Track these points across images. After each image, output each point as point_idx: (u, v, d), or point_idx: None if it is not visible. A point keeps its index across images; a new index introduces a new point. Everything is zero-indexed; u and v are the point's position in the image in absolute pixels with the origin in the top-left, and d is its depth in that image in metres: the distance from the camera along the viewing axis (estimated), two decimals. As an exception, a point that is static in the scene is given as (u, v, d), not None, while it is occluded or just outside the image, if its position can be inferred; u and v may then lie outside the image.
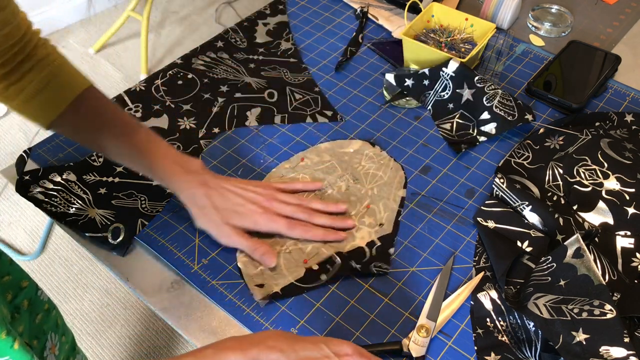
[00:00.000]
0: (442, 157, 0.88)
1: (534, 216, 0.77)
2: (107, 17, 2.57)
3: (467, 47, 0.99)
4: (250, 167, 0.87)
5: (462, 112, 0.92)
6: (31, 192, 0.82)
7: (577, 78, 0.98)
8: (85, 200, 0.81)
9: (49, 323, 0.85)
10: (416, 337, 0.66)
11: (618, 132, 0.89)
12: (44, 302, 0.84)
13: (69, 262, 1.76)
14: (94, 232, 0.78)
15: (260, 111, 0.95)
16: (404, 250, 0.76)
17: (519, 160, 0.86)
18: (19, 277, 0.78)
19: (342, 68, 1.03)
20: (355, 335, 0.68)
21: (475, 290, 0.72)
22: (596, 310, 0.64)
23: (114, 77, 2.32)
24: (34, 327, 0.82)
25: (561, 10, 1.12)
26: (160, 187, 0.83)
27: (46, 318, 0.84)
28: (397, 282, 0.73)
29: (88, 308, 1.66)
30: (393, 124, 0.93)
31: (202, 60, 1.04)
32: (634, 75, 1.00)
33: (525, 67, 1.02)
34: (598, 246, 0.75)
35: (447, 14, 1.01)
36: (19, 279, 0.78)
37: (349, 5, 1.16)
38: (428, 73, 0.93)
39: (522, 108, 0.89)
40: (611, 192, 0.79)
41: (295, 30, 1.11)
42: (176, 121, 0.93)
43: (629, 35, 1.09)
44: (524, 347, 0.67)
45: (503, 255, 0.73)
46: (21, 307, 0.78)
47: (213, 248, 0.77)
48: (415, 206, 0.81)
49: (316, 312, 0.70)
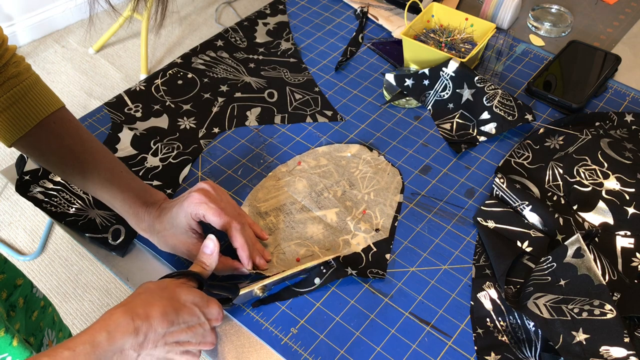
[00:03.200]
0: (442, 157, 0.88)
1: (534, 216, 0.77)
2: (107, 17, 2.57)
3: (467, 47, 0.99)
4: (250, 167, 0.87)
5: (462, 112, 0.92)
6: (31, 192, 0.82)
7: (577, 78, 0.98)
8: (85, 201, 0.81)
9: (45, 320, 0.85)
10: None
11: (618, 132, 0.89)
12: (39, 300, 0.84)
13: (69, 262, 1.76)
14: (94, 232, 0.78)
15: (260, 111, 0.95)
16: (403, 250, 0.76)
17: (519, 160, 0.86)
18: (13, 275, 0.78)
19: (342, 68, 1.03)
20: (355, 335, 0.68)
21: (475, 290, 0.72)
22: (596, 310, 0.64)
23: (114, 77, 2.32)
24: (30, 324, 0.82)
25: (561, 10, 1.12)
26: (160, 188, 0.83)
27: (42, 315, 0.84)
28: (397, 282, 0.73)
29: (88, 308, 1.66)
30: (393, 124, 0.93)
31: (202, 59, 1.04)
32: (634, 75, 1.00)
33: (525, 67, 1.02)
34: (598, 246, 0.75)
35: (447, 14, 1.01)
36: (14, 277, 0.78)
37: (349, 5, 1.16)
38: (428, 73, 0.93)
39: (522, 108, 0.88)
40: (611, 192, 0.79)
41: (295, 30, 1.11)
42: (176, 121, 0.93)
43: (629, 35, 1.09)
44: (524, 347, 0.67)
45: (503, 255, 0.73)
46: (17, 305, 0.78)
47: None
48: (415, 206, 0.81)
49: (316, 312, 0.70)
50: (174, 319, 0.57)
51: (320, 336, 0.68)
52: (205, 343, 0.62)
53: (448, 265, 0.75)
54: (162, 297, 0.58)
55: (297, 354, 0.67)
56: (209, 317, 0.62)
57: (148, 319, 0.55)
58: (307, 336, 0.68)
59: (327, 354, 0.67)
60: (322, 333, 0.68)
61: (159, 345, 0.57)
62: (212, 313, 0.62)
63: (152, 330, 0.55)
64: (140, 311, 0.55)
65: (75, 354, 0.51)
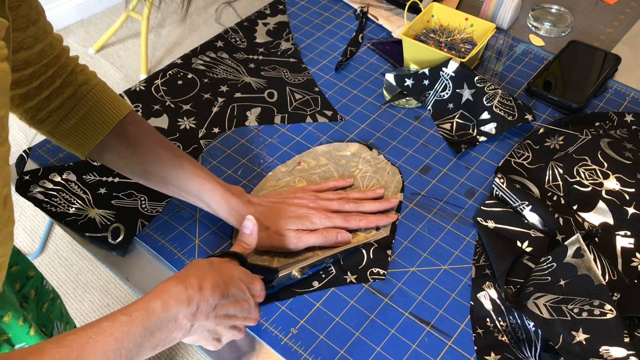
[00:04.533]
0: (442, 157, 0.88)
1: (534, 216, 0.77)
2: (107, 17, 2.58)
3: (467, 47, 0.99)
4: (250, 167, 0.87)
5: (462, 112, 0.92)
6: (31, 192, 0.82)
7: (577, 78, 0.98)
8: (85, 200, 0.81)
9: (54, 312, 0.86)
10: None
11: (618, 132, 0.89)
12: (49, 292, 0.85)
13: (69, 262, 1.76)
14: (94, 232, 0.78)
15: (260, 111, 0.95)
16: (403, 250, 0.76)
17: (519, 160, 0.86)
18: (25, 267, 0.79)
19: (342, 68, 1.03)
20: (355, 335, 0.68)
21: (475, 290, 0.72)
22: (596, 310, 0.64)
23: (114, 77, 2.32)
24: (41, 316, 0.82)
25: (561, 10, 1.12)
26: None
27: (52, 307, 0.85)
28: (397, 282, 0.73)
29: (88, 308, 1.66)
30: (393, 124, 0.93)
31: (202, 60, 1.04)
32: (634, 75, 1.00)
33: (525, 67, 1.02)
34: (598, 246, 0.75)
35: (447, 14, 1.01)
36: (26, 269, 0.79)
37: (349, 5, 1.16)
38: (428, 73, 0.93)
39: (522, 108, 0.88)
40: (611, 192, 0.79)
41: (295, 30, 1.11)
42: (176, 121, 0.93)
43: (629, 35, 1.09)
44: (524, 347, 0.67)
45: (503, 255, 0.73)
46: (29, 296, 0.79)
47: (212, 248, 0.77)
48: (415, 206, 0.81)
49: (316, 312, 0.70)
50: (223, 292, 0.59)
51: (320, 336, 0.68)
52: (250, 319, 0.63)
53: (448, 265, 0.75)
54: (212, 270, 0.59)
55: (297, 354, 0.67)
56: (253, 293, 0.63)
57: (201, 289, 0.56)
58: (307, 336, 0.68)
59: (327, 354, 0.67)
60: (322, 333, 0.68)
61: (210, 317, 0.58)
62: (256, 289, 0.64)
63: (204, 301, 0.56)
64: (193, 281, 0.57)
65: (132, 319, 0.52)
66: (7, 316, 0.66)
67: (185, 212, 0.80)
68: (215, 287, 0.58)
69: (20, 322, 0.68)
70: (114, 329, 0.51)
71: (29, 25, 0.61)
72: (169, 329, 0.55)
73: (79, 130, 0.71)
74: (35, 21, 0.62)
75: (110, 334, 0.50)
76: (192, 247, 0.77)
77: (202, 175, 0.74)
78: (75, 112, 0.71)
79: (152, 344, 0.54)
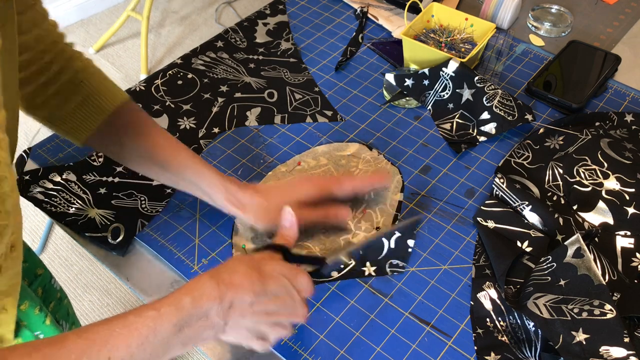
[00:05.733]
0: (442, 157, 0.88)
1: (534, 216, 0.77)
2: (107, 17, 2.58)
3: (467, 47, 0.99)
4: (250, 167, 0.87)
5: (462, 112, 0.92)
6: (31, 192, 0.82)
7: (577, 78, 0.98)
8: (85, 200, 0.81)
9: (61, 311, 0.86)
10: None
11: (618, 132, 0.89)
12: (56, 291, 0.85)
13: (69, 262, 1.76)
14: (94, 232, 0.78)
15: (260, 111, 0.95)
16: (404, 250, 0.76)
17: (519, 160, 0.86)
18: (34, 265, 0.79)
19: (342, 68, 1.03)
20: (355, 335, 0.68)
21: (475, 290, 0.72)
22: (596, 310, 0.64)
23: (114, 77, 2.32)
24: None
25: (561, 10, 1.12)
26: (160, 187, 0.83)
27: (58, 306, 0.85)
28: (397, 282, 0.73)
29: (88, 308, 1.66)
30: (393, 124, 0.93)
31: (202, 60, 1.04)
32: (634, 75, 1.00)
33: (525, 67, 1.02)
34: (598, 246, 0.75)
35: (447, 14, 1.01)
36: (35, 267, 0.79)
37: (349, 5, 1.16)
38: (428, 73, 0.93)
39: (522, 108, 0.88)
40: (611, 192, 0.79)
41: (295, 30, 1.11)
42: (176, 121, 0.93)
43: (629, 35, 1.09)
44: (524, 347, 0.67)
45: (503, 255, 0.73)
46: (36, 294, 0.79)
47: (213, 248, 0.77)
48: (415, 206, 0.81)
49: (316, 312, 0.70)
50: (259, 288, 0.56)
51: (320, 336, 0.68)
52: (296, 315, 0.59)
53: (448, 265, 0.75)
54: (247, 267, 0.57)
55: (297, 354, 0.67)
56: (299, 288, 0.60)
57: (233, 286, 0.54)
58: (307, 336, 0.68)
59: (327, 354, 0.67)
60: (322, 333, 0.68)
61: (247, 315, 0.55)
62: (301, 283, 0.60)
63: (238, 298, 0.54)
64: (225, 277, 0.55)
65: (160, 314, 0.51)
66: (24, 304, 0.66)
67: (185, 212, 0.80)
68: (250, 283, 0.56)
69: (36, 311, 0.68)
70: (140, 323, 0.49)
71: (26, 9, 0.61)
72: (200, 325, 0.53)
73: (75, 117, 0.70)
74: (31, 5, 0.62)
75: (136, 328, 0.49)
76: (192, 247, 0.77)
77: (199, 163, 0.73)
78: (72, 98, 0.70)
79: (180, 341, 0.52)
